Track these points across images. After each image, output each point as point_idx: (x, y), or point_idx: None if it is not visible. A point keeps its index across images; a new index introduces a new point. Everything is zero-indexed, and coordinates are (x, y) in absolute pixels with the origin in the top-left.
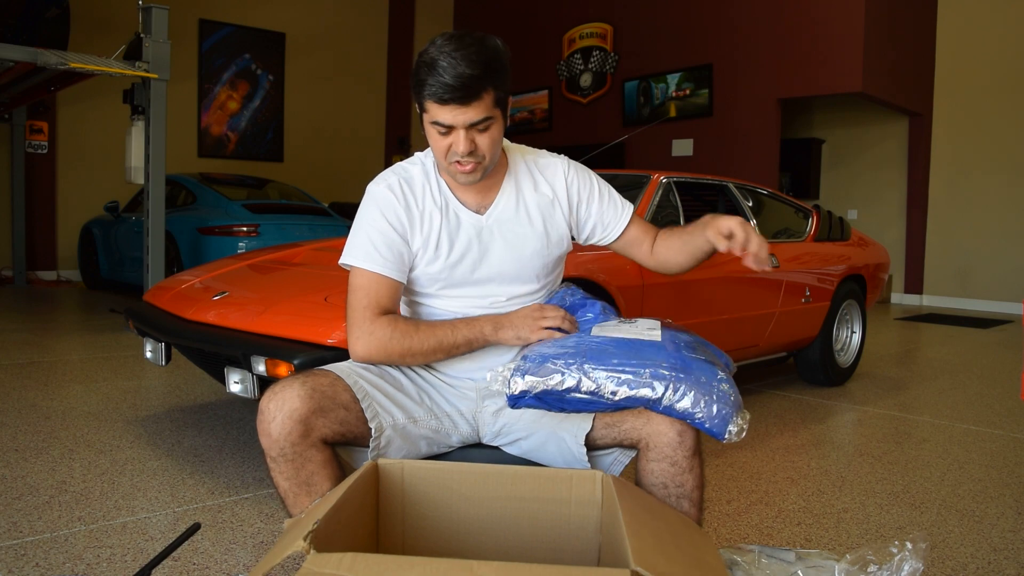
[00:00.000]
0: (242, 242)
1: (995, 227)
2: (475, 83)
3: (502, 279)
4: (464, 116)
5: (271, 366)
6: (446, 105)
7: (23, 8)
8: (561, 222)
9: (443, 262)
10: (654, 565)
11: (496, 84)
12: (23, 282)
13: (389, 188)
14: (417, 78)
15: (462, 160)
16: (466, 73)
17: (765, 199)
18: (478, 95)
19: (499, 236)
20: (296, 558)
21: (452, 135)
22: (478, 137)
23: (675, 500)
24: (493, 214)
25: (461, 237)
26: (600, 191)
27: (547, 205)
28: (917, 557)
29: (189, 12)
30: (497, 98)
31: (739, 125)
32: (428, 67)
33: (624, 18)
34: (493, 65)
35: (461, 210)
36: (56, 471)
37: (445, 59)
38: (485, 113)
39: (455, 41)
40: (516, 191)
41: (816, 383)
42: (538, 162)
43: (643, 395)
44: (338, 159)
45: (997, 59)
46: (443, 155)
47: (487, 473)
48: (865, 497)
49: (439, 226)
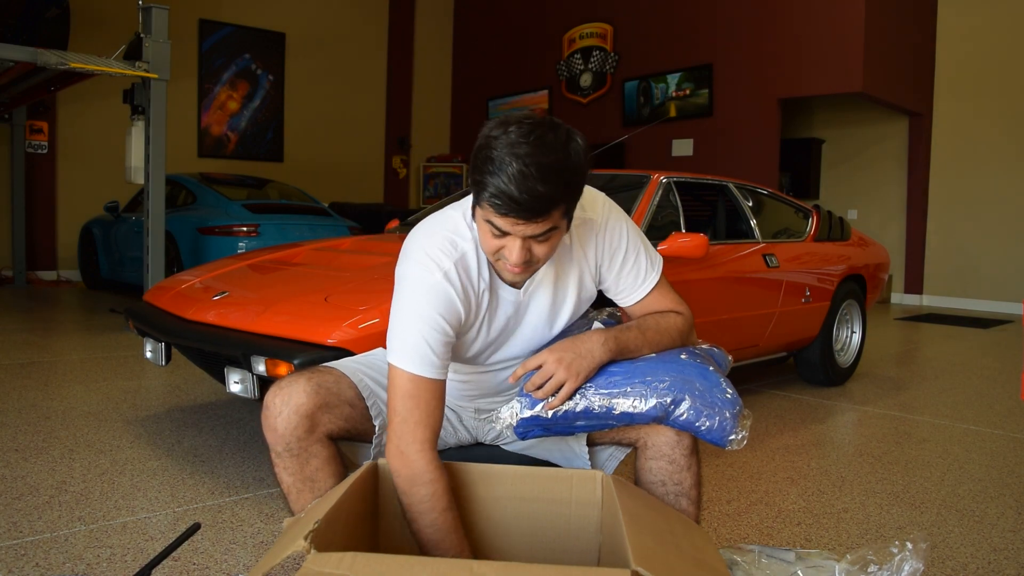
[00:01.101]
0: (242, 242)
1: (995, 227)
2: (547, 203)
3: (524, 347)
4: (526, 230)
5: (271, 366)
6: (505, 217)
7: (23, 8)
8: (589, 282)
9: (482, 341)
10: (654, 565)
11: (570, 200)
12: (23, 282)
13: (447, 279)
14: (478, 168)
15: (513, 265)
16: (538, 191)
17: (765, 199)
18: (547, 213)
19: (534, 308)
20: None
21: (507, 239)
22: (535, 247)
23: (673, 498)
24: (530, 288)
25: (499, 314)
26: (627, 255)
27: (583, 267)
28: (917, 557)
29: (189, 12)
30: (567, 210)
31: (739, 125)
32: (494, 163)
33: (624, 18)
34: (573, 181)
35: (501, 286)
36: (56, 471)
37: (518, 163)
38: (550, 226)
39: (535, 139)
40: (553, 261)
41: (816, 383)
42: (576, 220)
43: (648, 414)
44: (338, 159)
45: (997, 59)
46: (492, 253)
47: (488, 473)
48: (865, 497)
49: (486, 307)
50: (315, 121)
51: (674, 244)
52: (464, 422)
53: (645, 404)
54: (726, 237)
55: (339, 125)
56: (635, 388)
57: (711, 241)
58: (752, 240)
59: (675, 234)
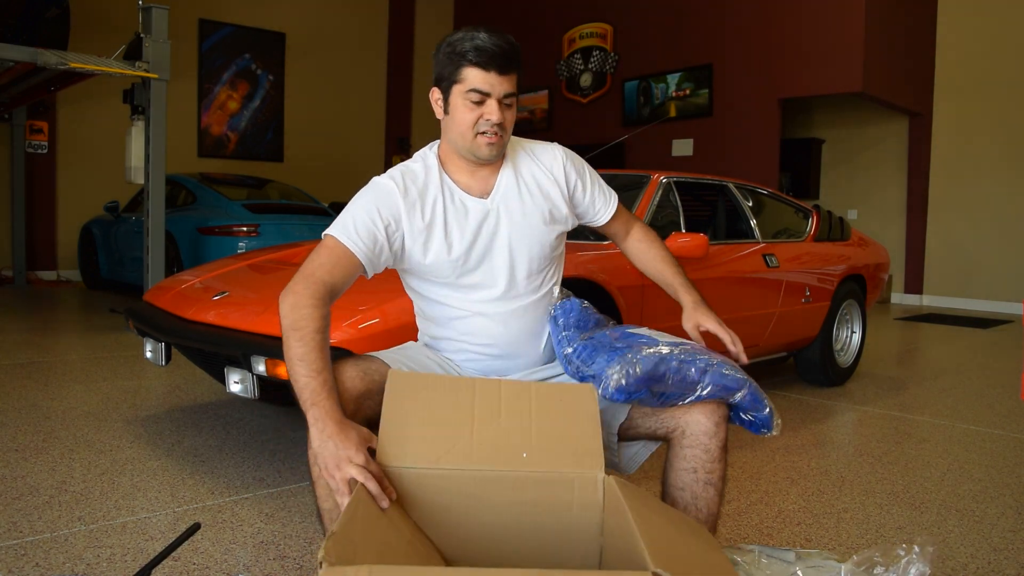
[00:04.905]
0: (242, 242)
1: (995, 227)
2: (514, 55)
3: (513, 258)
4: (501, 86)
5: (271, 366)
6: (487, 72)
7: (23, 8)
8: (559, 200)
9: (458, 248)
10: (673, 566)
11: (520, 68)
12: (23, 282)
13: (391, 178)
14: (454, 49)
15: (490, 131)
16: (507, 45)
17: (765, 199)
18: (515, 67)
19: (505, 215)
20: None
21: (485, 105)
22: (505, 111)
23: (702, 486)
24: (496, 197)
25: (470, 223)
26: (591, 176)
27: (547, 183)
28: (924, 561)
29: (189, 12)
30: (519, 80)
31: (739, 125)
32: (467, 39)
33: (624, 18)
34: (518, 48)
35: (467, 198)
36: (56, 471)
37: (484, 32)
38: (514, 88)
39: (482, 27)
40: (515, 173)
41: (816, 383)
42: (534, 148)
43: (732, 384)
44: (338, 159)
45: (997, 59)
46: (471, 126)
47: (487, 478)
48: (865, 497)
49: (443, 212)
50: (315, 121)
51: (674, 244)
52: None
53: (736, 374)
54: (726, 237)
55: (339, 125)
56: (727, 362)
57: (711, 241)
58: (752, 240)
59: (675, 234)
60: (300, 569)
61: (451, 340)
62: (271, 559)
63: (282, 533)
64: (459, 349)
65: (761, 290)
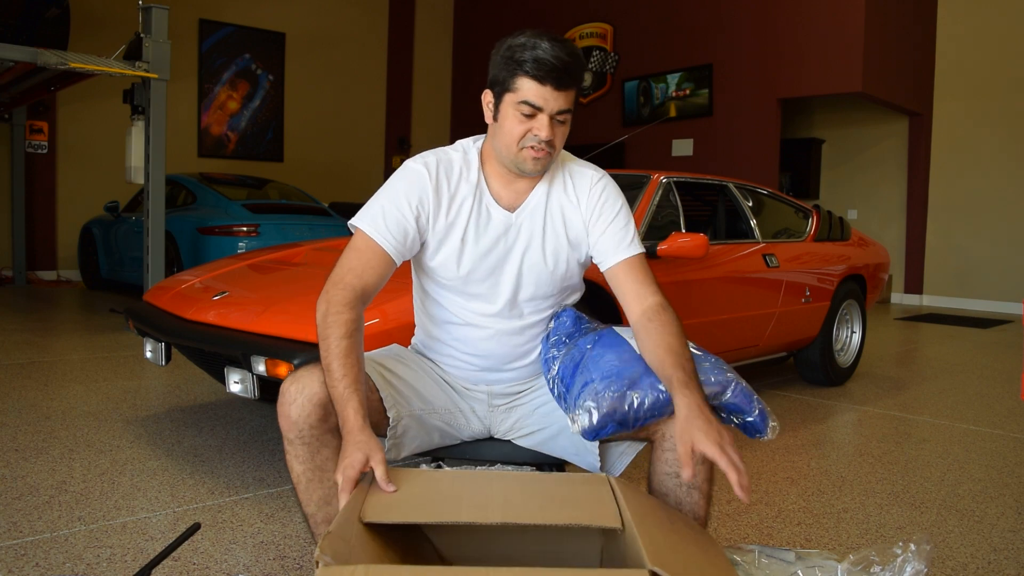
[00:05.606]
0: (242, 242)
1: (995, 227)
2: (575, 70)
3: (521, 279)
4: (556, 102)
5: (271, 366)
6: (543, 85)
7: (23, 8)
8: (580, 229)
9: (471, 254)
10: (670, 565)
11: (580, 82)
12: (23, 282)
13: (425, 165)
14: (512, 55)
15: (537, 146)
16: (568, 58)
17: (765, 199)
18: (574, 83)
19: (525, 233)
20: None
21: (536, 120)
22: (556, 128)
23: (686, 490)
24: (523, 212)
25: (490, 232)
26: (620, 214)
27: (570, 209)
28: (920, 559)
29: (189, 12)
30: (576, 96)
31: (739, 125)
32: (528, 47)
33: (624, 18)
34: (582, 63)
35: (493, 205)
36: (56, 471)
37: (546, 42)
38: (570, 104)
39: (547, 35)
40: (547, 193)
41: (816, 383)
42: (574, 170)
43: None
44: (338, 159)
45: (997, 59)
46: (517, 139)
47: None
48: (865, 497)
49: (468, 215)
50: (315, 121)
51: (674, 244)
52: (477, 412)
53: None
54: (726, 237)
55: (339, 125)
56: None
57: (711, 241)
58: (752, 240)
59: (675, 234)
60: (300, 569)
61: (443, 343)
62: (271, 559)
63: (282, 533)
64: (448, 353)
65: (761, 290)
